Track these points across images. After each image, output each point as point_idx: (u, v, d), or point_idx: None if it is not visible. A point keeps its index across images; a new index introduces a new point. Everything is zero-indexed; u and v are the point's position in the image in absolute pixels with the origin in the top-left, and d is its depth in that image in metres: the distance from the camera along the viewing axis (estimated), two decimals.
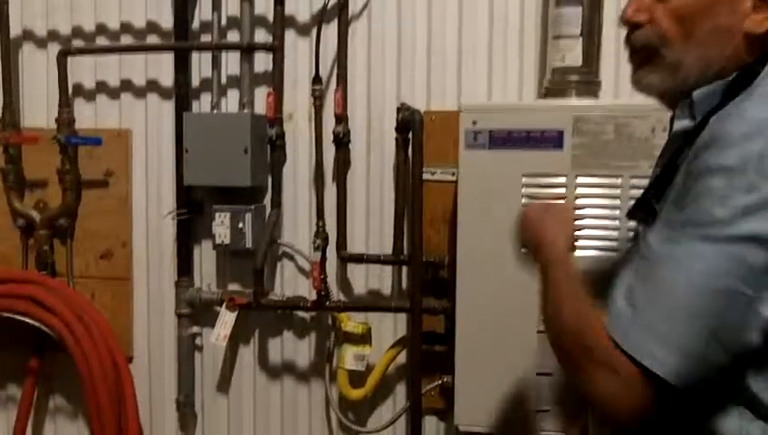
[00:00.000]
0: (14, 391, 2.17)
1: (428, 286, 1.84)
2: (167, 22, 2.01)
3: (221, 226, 1.90)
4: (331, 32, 1.89)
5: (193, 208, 2.02)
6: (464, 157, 1.56)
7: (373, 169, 1.94)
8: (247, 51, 1.93)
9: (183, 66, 1.98)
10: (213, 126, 1.89)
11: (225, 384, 2.08)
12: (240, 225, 1.89)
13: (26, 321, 1.97)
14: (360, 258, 1.93)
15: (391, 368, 1.95)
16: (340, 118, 1.88)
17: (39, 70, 2.10)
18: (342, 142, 1.89)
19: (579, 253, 1.50)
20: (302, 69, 1.95)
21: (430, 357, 1.84)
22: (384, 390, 1.97)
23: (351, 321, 1.92)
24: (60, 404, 2.18)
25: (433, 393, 1.88)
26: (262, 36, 1.96)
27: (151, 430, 2.12)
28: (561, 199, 1.36)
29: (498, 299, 1.54)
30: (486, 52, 1.86)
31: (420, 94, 1.89)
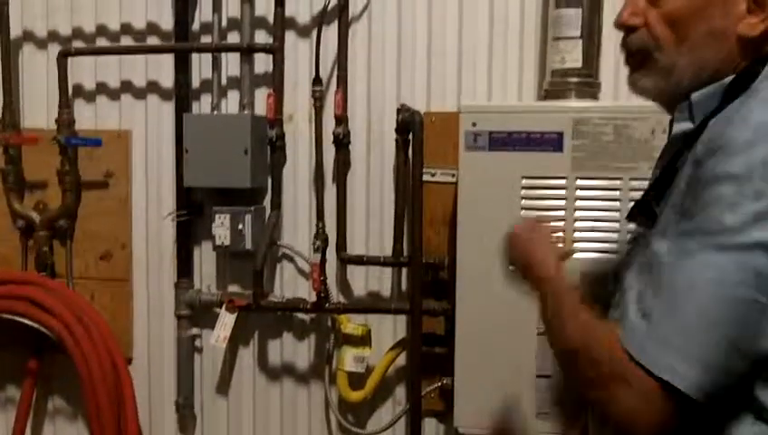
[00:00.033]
0: (13, 393, 2.17)
1: (428, 288, 1.84)
2: (167, 23, 2.01)
3: (221, 227, 1.89)
4: (331, 33, 1.90)
5: (193, 210, 2.02)
6: (464, 158, 1.56)
7: (373, 171, 1.94)
8: (247, 52, 1.93)
9: (183, 67, 1.98)
10: (213, 127, 1.89)
11: (224, 386, 2.08)
12: (240, 226, 1.89)
13: (25, 322, 1.97)
14: (360, 260, 1.93)
15: (391, 370, 1.95)
16: (341, 119, 1.88)
17: (39, 70, 2.10)
18: (342, 143, 1.90)
19: (578, 254, 1.51)
20: (302, 70, 1.95)
21: (430, 359, 1.83)
22: (384, 391, 1.97)
23: (351, 323, 1.91)
24: (59, 405, 2.18)
25: (433, 395, 1.88)
26: (262, 38, 1.96)
27: (151, 431, 2.12)
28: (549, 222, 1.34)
29: (498, 301, 1.53)
30: (486, 53, 1.86)
31: (420, 96, 1.89)
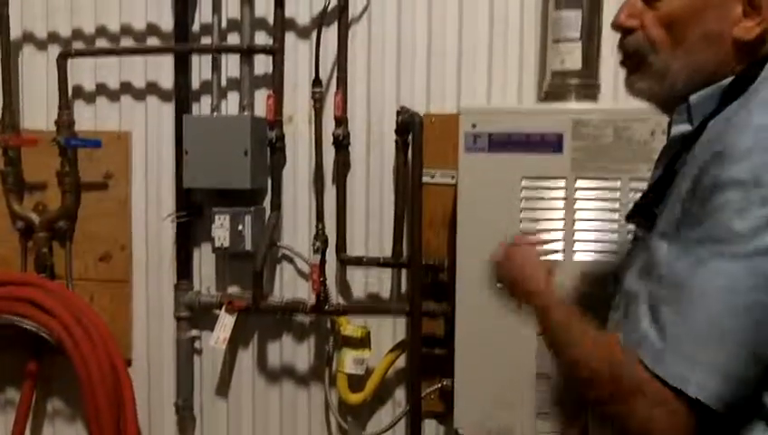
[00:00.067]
0: (12, 394, 2.17)
1: (428, 289, 1.84)
2: (167, 24, 2.01)
3: (220, 228, 1.89)
4: (331, 34, 1.90)
5: (192, 211, 2.02)
6: (463, 160, 1.56)
7: (373, 172, 1.94)
8: (247, 53, 1.93)
9: (183, 68, 1.98)
10: (213, 128, 1.89)
11: (224, 388, 2.08)
12: (239, 227, 1.88)
13: (25, 323, 1.96)
14: (360, 261, 1.93)
15: (391, 371, 1.94)
16: (340, 120, 1.88)
17: (39, 72, 2.10)
18: (342, 145, 1.89)
19: (578, 256, 1.52)
20: (302, 71, 1.95)
21: (430, 360, 1.83)
22: (383, 393, 1.97)
23: (351, 324, 1.91)
24: (58, 407, 2.17)
25: (432, 397, 1.88)
26: (262, 39, 1.96)
27: (150, 433, 2.11)
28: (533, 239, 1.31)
29: (497, 302, 1.53)
30: (486, 55, 1.86)
31: (420, 97, 1.89)
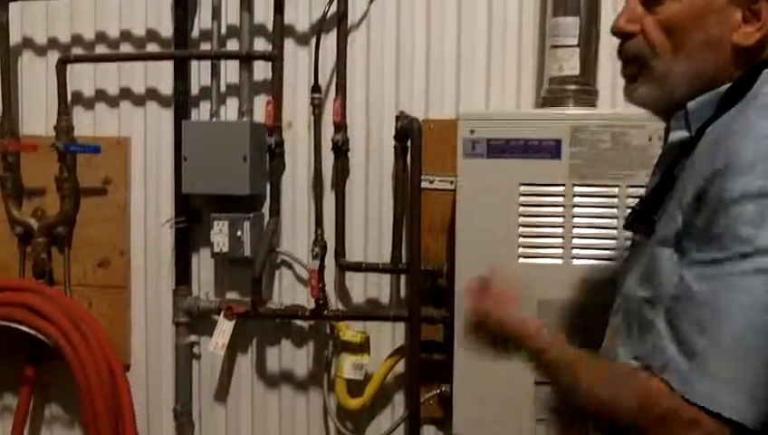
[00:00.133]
0: (10, 400, 2.16)
1: (427, 295, 1.84)
2: (166, 30, 2.02)
3: (219, 234, 1.89)
4: (330, 40, 1.90)
5: (191, 217, 2.02)
6: (462, 165, 1.56)
7: (372, 178, 1.94)
8: (246, 59, 1.94)
9: (182, 74, 1.98)
10: (212, 134, 1.89)
11: (222, 393, 2.07)
12: (238, 233, 1.88)
13: (23, 329, 1.96)
14: (359, 267, 1.93)
15: (390, 377, 1.94)
16: (339, 126, 1.88)
17: (38, 77, 2.10)
18: (341, 151, 1.90)
19: (577, 262, 1.52)
20: (301, 77, 1.95)
21: (429, 366, 1.83)
22: (382, 399, 1.96)
23: (350, 330, 1.91)
24: (56, 413, 2.17)
25: (431, 402, 1.88)
26: (261, 45, 1.97)
27: None
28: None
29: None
30: (484, 61, 1.86)
31: (419, 103, 1.90)
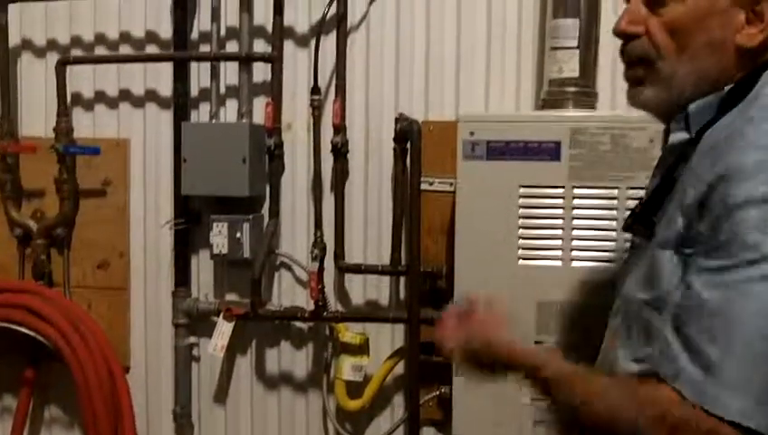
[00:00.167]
0: (9, 402, 2.16)
1: (426, 297, 1.84)
2: (166, 32, 2.02)
3: (219, 235, 1.89)
4: (329, 42, 1.90)
5: (191, 218, 2.02)
6: (461, 167, 1.56)
7: (371, 179, 1.94)
8: (246, 61, 1.94)
9: (182, 76, 1.98)
10: (211, 136, 1.89)
11: (222, 395, 2.07)
12: (238, 235, 1.88)
13: (22, 331, 1.96)
14: (358, 268, 1.93)
15: (389, 379, 1.94)
16: (339, 128, 1.88)
17: (38, 79, 2.10)
18: (341, 152, 1.90)
19: (576, 264, 1.52)
20: (300, 79, 1.95)
21: (428, 368, 1.83)
22: (382, 400, 1.96)
23: (349, 331, 1.91)
24: (56, 415, 2.17)
25: (431, 404, 1.88)
26: (260, 46, 1.97)
27: None
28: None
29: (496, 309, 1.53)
30: (484, 63, 1.86)
31: (418, 104, 1.90)
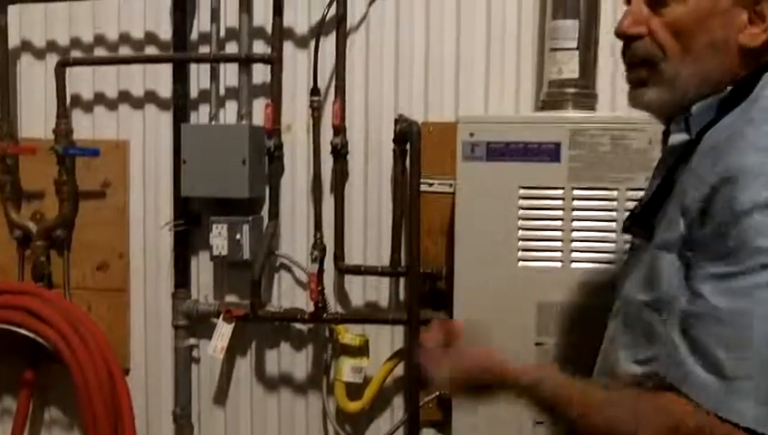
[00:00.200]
0: (9, 403, 2.16)
1: (426, 298, 1.84)
2: (165, 33, 2.02)
3: (218, 237, 1.89)
4: (329, 43, 1.90)
5: (190, 220, 2.02)
6: (461, 168, 1.56)
7: (371, 181, 1.94)
8: (245, 62, 1.94)
9: (181, 77, 1.98)
10: (211, 137, 1.89)
11: (221, 396, 2.07)
12: (237, 236, 1.88)
13: (22, 332, 1.96)
14: (358, 270, 1.92)
15: (389, 380, 1.94)
16: (338, 129, 1.88)
17: (37, 80, 2.10)
18: (340, 154, 1.90)
19: (576, 265, 1.52)
20: (300, 80, 1.95)
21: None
22: (382, 402, 1.96)
23: (349, 333, 1.91)
24: (55, 416, 2.17)
25: (431, 406, 1.87)
26: (260, 48, 1.97)
27: None
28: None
29: (496, 311, 1.53)
30: (484, 64, 1.86)
31: (418, 106, 1.90)
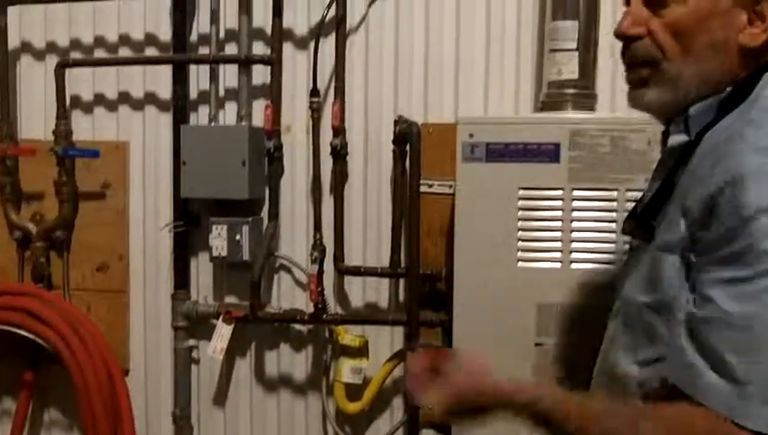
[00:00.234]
0: (8, 404, 2.16)
1: (425, 299, 1.84)
2: (165, 34, 2.02)
3: (218, 238, 1.89)
4: (328, 44, 1.90)
5: (190, 221, 2.02)
6: (461, 169, 1.56)
7: (370, 182, 1.94)
8: (245, 63, 1.94)
9: (181, 78, 1.98)
10: (210, 138, 1.89)
11: (221, 397, 2.07)
12: (237, 237, 1.88)
13: (22, 333, 1.96)
14: (358, 271, 1.92)
15: (388, 381, 1.94)
16: (338, 130, 1.88)
17: (37, 82, 2.10)
18: (340, 155, 1.90)
19: (575, 266, 1.52)
20: (299, 82, 1.95)
21: None
22: (381, 403, 1.96)
23: (348, 334, 1.91)
24: (55, 417, 2.17)
25: (430, 407, 1.87)
26: (260, 49, 1.97)
27: None
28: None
29: (495, 312, 1.53)
30: (483, 65, 1.86)
31: (417, 107, 1.90)
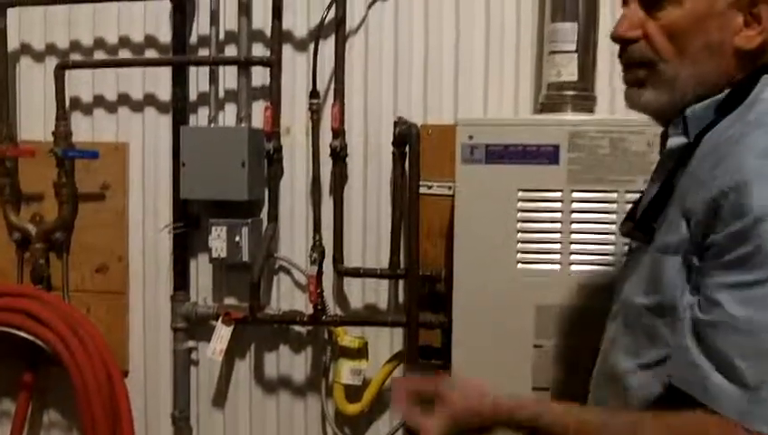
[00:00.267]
0: (8, 406, 2.16)
1: (425, 300, 1.84)
2: (165, 36, 2.02)
3: (217, 239, 1.89)
4: (328, 46, 1.90)
5: (189, 222, 2.02)
6: (460, 171, 1.56)
7: (370, 183, 1.94)
8: (245, 65, 1.94)
9: (180, 80, 1.98)
10: (210, 140, 1.90)
11: (220, 399, 2.07)
12: (237, 238, 1.88)
13: (21, 335, 1.96)
14: (357, 272, 1.93)
15: (388, 382, 1.94)
16: (338, 132, 1.88)
17: (36, 83, 2.10)
18: (339, 156, 1.90)
19: (575, 268, 1.52)
20: (299, 83, 1.95)
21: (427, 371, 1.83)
22: (380, 404, 1.96)
23: (348, 335, 1.91)
24: (54, 418, 2.17)
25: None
26: (259, 51, 1.97)
27: None
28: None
29: (495, 313, 1.53)
30: (483, 66, 1.87)
31: (417, 108, 1.90)
